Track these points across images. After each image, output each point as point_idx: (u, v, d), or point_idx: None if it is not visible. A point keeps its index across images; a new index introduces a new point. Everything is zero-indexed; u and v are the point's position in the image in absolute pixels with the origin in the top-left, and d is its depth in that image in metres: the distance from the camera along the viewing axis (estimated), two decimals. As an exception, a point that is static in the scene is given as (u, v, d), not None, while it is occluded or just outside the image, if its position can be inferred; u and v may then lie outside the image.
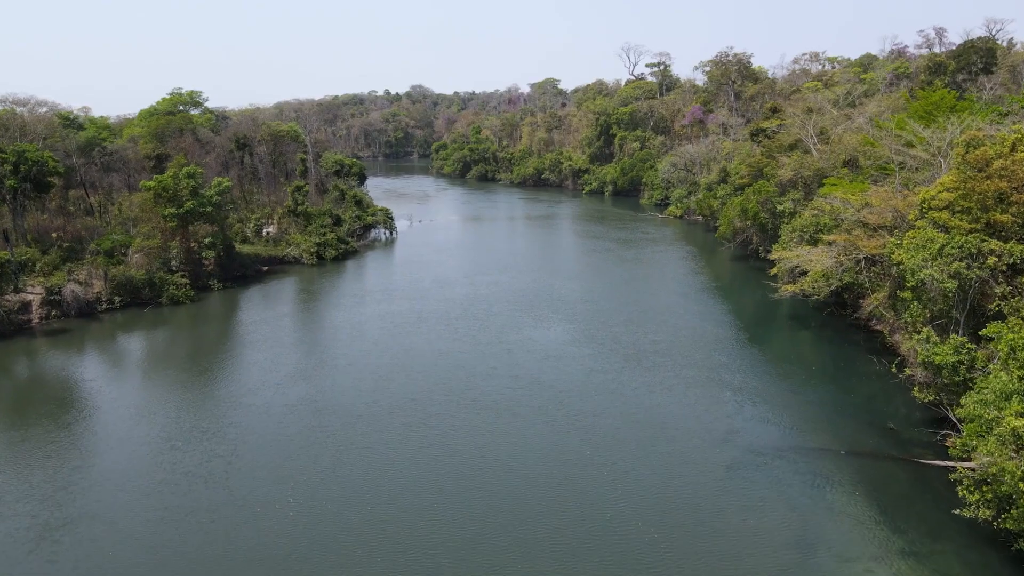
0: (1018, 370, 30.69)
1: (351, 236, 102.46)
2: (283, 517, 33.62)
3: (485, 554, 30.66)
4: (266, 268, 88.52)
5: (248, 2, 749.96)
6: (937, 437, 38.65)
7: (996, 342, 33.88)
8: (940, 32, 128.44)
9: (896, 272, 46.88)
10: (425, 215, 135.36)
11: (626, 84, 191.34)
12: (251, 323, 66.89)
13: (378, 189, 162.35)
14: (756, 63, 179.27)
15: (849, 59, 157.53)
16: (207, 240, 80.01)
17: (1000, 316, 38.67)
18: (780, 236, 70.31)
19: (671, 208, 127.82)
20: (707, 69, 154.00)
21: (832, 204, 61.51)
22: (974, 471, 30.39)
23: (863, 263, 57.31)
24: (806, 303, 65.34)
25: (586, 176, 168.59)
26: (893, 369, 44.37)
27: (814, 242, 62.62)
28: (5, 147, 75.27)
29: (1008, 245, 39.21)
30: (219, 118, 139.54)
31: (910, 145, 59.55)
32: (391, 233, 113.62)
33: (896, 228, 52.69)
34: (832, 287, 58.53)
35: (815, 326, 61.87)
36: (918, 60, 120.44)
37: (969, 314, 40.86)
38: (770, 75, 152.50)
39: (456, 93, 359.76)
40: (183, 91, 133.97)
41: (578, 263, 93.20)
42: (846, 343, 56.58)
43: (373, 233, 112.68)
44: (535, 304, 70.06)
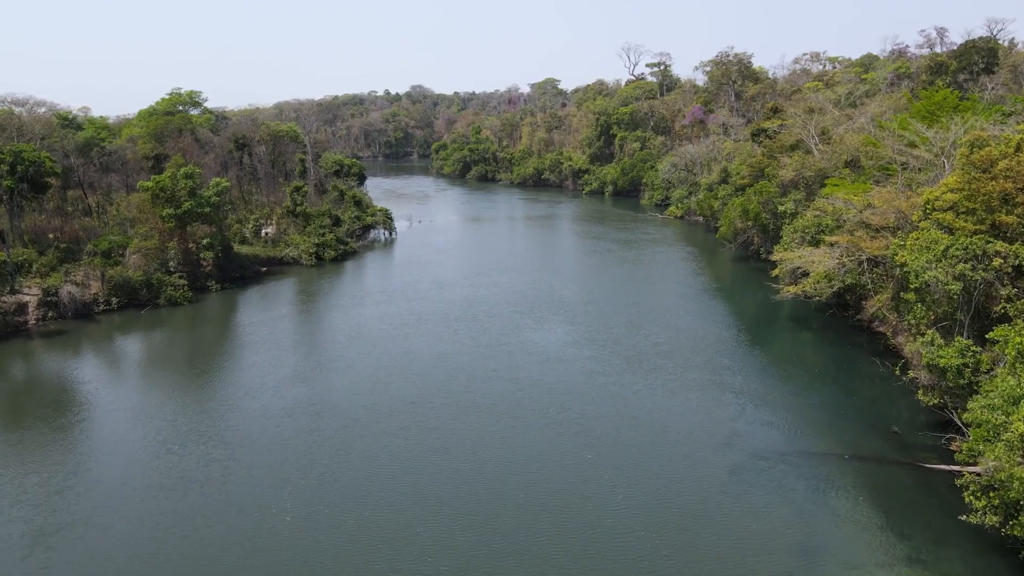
0: (1026, 374, 30.26)
1: (350, 237, 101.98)
2: (280, 522, 33.21)
3: (484, 560, 30.24)
4: (265, 269, 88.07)
5: (248, 2, 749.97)
6: (942, 441, 38.23)
7: (1003, 345, 33.45)
8: (941, 32, 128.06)
9: (900, 274, 46.44)
10: (425, 215, 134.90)
11: (626, 84, 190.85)
12: (249, 324, 66.47)
13: (378, 189, 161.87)
14: (757, 63, 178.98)
15: (850, 59, 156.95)
16: (205, 241, 79.62)
17: (1005, 318, 38.28)
18: (782, 237, 69.86)
19: (671, 208, 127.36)
20: (707, 69, 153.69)
21: (834, 205, 61.09)
22: (980, 476, 29.97)
23: (865, 264, 56.89)
24: (808, 304, 64.92)
25: (586, 176, 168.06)
26: (896, 371, 43.94)
27: (816, 243, 62.19)
28: (2, 147, 74.76)
29: (1014, 247, 38.80)
30: (218, 118, 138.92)
31: (913, 145, 59.12)
32: (390, 234, 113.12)
33: (899, 229, 52.25)
34: (834, 288, 58.15)
35: (817, 328, 61.46)
36: (919, 60, 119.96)
37: (974, 316, 40.42)
38: (771, 75, 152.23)
39: (456, 93, 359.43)
40: (182, 91, 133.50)
41: (578, 264, 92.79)
42: (848, 345, 56.17)
43: (372, 234, 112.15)
44: (535, 305, 69.65)
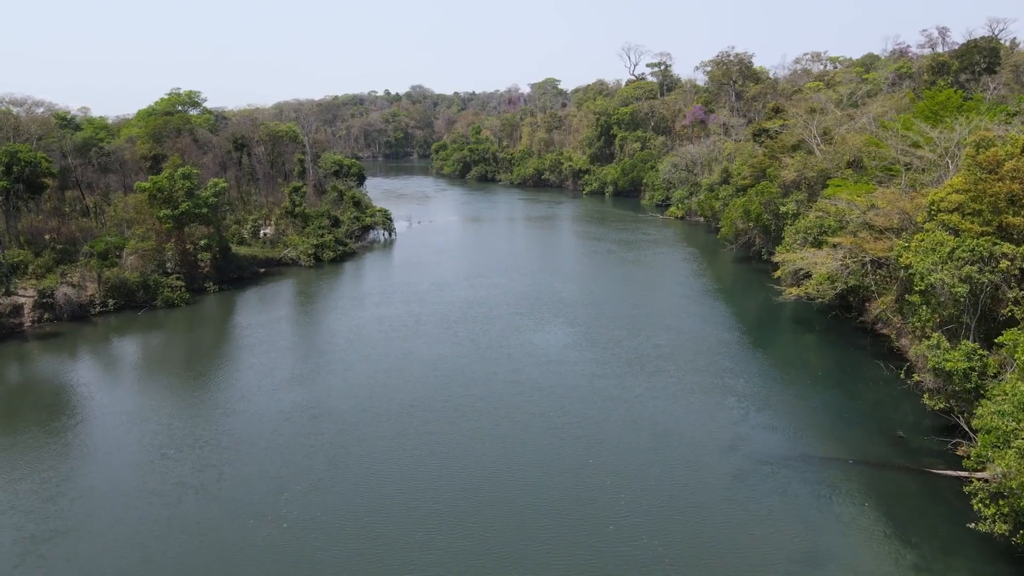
0: (1035, 379, 29.75)
1: (349, 237, 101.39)
2: (277, 529, 32.67)
3: (484, 566, 29.70)
4: (263, 270, 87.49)
5: (248, 2, 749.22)
6: (948, 446, 37.67)
7: (1011, 349, 32.92)
8: (943, 32, 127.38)
9: (904, 275, 45.91)
10: (424, 216, 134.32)
11: (627, 84, 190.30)
12: (247, 326, 65.92)
13: (377, 190, 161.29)
14: (757, 63, 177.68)
15: (851, 59, 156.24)
16: (203, 242, 79.05)
17: (1012, 321, 37.74)
18: (783, 238, 69.31)
19: (672, 209, 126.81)
20: (708, 69, 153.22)
21: (837, 205, 60.60)
22: (988, 483, 29.44)
23: (869, 266, 56.37)
24: (810, 306, 64.37)
25: (586, 177, 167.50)
26: (901, 375, 43.45)
27: (818, 244, 61.66)
28: (-2, 148, 74.30)
29: (1021, 249, 38.31)
30: (218, 118, 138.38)
31: (916, 146, 58.63)
32: (390, 234, 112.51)
33: (903, 230, 51.73)
34: (837, 290, 57.63)
35: (819, 330, 60.91)
36: (921, 60, 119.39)
37: (980, 319, 39.92)
38: (771, 75, 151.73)
39: (456, 93, 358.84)
40: (181, 91, 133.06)
41: (579, 265, 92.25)
42: (852, 347, 55.61)
43: (372, 234, 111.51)
44: (536, 307, 69.11)
